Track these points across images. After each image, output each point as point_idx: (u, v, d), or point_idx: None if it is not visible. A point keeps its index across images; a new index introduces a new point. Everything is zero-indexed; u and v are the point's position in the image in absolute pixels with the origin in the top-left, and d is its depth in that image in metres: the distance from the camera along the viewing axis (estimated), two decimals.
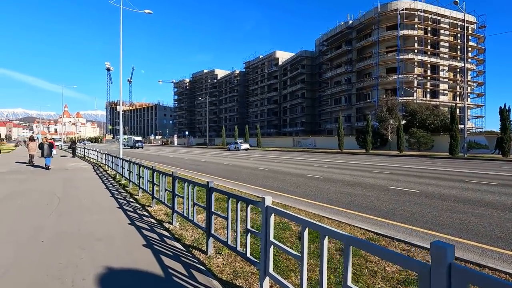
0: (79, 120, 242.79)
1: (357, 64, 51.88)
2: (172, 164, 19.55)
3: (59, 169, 15.56)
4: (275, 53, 78.78)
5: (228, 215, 3.55)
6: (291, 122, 73.05)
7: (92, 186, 10.06)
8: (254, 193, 8.56)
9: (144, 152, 38.74)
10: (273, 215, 2.77)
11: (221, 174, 13.89)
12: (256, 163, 19.82)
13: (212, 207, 3.95)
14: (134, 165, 8.99)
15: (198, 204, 4.47)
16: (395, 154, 28.36)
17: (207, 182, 4.06)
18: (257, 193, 8.58)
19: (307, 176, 12.72)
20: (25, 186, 9.98)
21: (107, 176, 13.03)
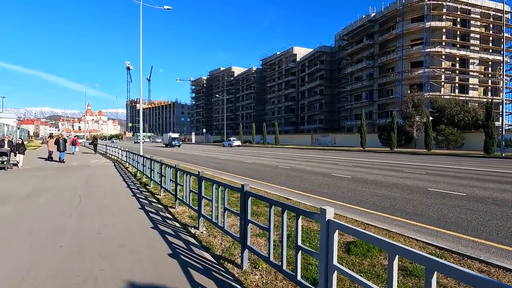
0: (101, 118, 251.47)
1: (379, 59, 49.81)
2: (191, 162, 19.30)
3: (82, 166, 15.65)
4: (292, 49, 77.42)
5: (270, 226, 2.97)
6: (309, 119, 71.65)
7: (113, 184, 9.84)
8: (281, 193, 7.97)
9: (161, 150, 39.03)
10: (337, 231, 2.16)
11: (243, 172, 13.39)
12: (277, 161, 19.19)
13: (248, 215, 3.39)
14: (156, 163, 8.63)
15: (231, 210, 3.93)
16: (422, 153, 26.80)
17: (241, 186, 3.50)
18: (282, 193, 7.99)
19: (334, 175, 11.96)
20: (48, 184, 9.90)
21: (128, 173, 12.86)
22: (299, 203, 6.79)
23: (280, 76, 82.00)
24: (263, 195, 3.19)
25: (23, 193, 8.28)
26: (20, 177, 11.41)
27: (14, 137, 44.41)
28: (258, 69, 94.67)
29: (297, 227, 2.54)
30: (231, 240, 4.35)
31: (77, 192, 8.46)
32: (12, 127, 44.30)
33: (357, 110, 55.43)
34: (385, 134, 37.37)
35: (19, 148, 14.62)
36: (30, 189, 8.81)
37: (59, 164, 16.56)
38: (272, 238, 2.98)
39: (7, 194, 8.12)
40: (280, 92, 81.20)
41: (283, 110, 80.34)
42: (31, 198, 7.55)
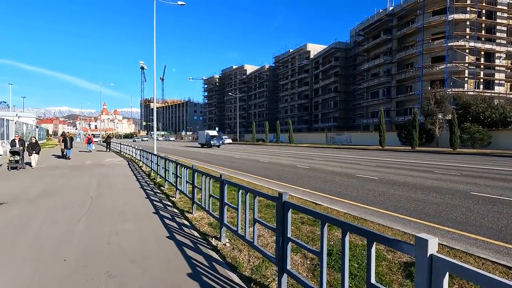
0: (116, 117, 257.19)
1: (397, 54, 47.92)
2: (205, 161, 18.80)
3: (96, 165, 15.40)
4: (306, 46, 76.00)
5: (322, 249, 2.27)
6: (323, 118, 70.19)
7: (126, 184, 9.37)
8: (307, 197, 7.24)
9: (176, 148, 38.89)
10: (448, 274, 1.43)
11: (260, 172, 12.71)
12: (294, 160, 18.40)
13: (288, 231, 2.70)
14: (171, 162, 8.07)
15: (266, 225, 3.25)
16: (447, 152, 25.32)
17: (279, 194, 2.82)
18: (307, 196, 7.26)
19: (359, 176, 11.10)
20: (60, 183, 9.55)
21: (141, 173, 12.44)
22: (338, 211, 6.04)
23: (293, 74, 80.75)
24: (312, 209, 2.48)
25: (33, 193, 7.90)
26: (33, 176, 11.16)
27: (32, 135, 45.71)
28: (271, 67, 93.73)
29: (370, 258, 1.82)
30: (259, 256, 3.68)
31: (89, 193, 8.01)
32: (31, 126, 45.39)
33: (373, 107, 53.75)
34: (405, 132, 35.78)
35: (35, 147, 14.09)
36: (41, 189, 8.45)
37: (73, 163, 16.40)
38: (325, 263, 2.27)
39: (17, 195, 7.76)
40: (293, 90, 80.00)
41: (296, 108, 79.13)
42: (41, 200, 7.14)
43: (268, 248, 3.74)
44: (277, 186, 9.06)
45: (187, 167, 6.50)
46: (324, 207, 6.21)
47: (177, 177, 7.26)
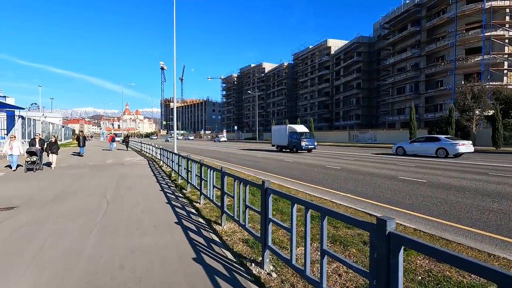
0: (138, 117, 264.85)
1: (426, 47, 44.97)
2: (227, 160, 17.98)
3: (116, 164, 14.96)
4: (326, 41, 73.76)
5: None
6: (345, 115, 67.80)
7: (146, 187, 8.63)
8: (354, 205, 6.11)
9: (196, 147, 38.54)
10: None
11: (288, 173, 11.64)
12: (321, 160, 17.16)
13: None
14: (194, 163, 7.19)
15: (340, 259, 2.19)
16: (490, 151, 23.00)
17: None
18: (353, 204, 6.12)
19: (403, 179, 9.76)
20: (78, 184, 8.98)
21: (162, 173, 11.74)
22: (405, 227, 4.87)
23: (313, 71, 78.73)
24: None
25: (48, 196, 7.30)
26: (51, 177, 10.72)
27: (59, 135, 47.13)
28: (290, 64, 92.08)
29: None
30: None
31: (106, 195, 7.31)
32: (57, 126, 46.88)
33: (399, 104, 51.01)
34: (437, 129, 33.35)
35: (52, 147, 13.18)
36: (56, 192, 7.86)
37: (94, 162, 16.09)
38: None
39: (31, 197, 7.18)
40: (313, 87, 78.02)
41: (316, 106, 77.11)
42: (54, 204, 6.48)
43: None
44: (312, 190, 7.97)
45: (213, 169, 5.57)
46: None
47: (202, 180, 6.35)
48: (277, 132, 27.58)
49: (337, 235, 4.20)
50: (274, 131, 28.61)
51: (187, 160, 7.95)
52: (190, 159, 7.66)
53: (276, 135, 27.65)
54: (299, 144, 23.57)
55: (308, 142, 23.74)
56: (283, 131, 26.11)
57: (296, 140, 23.98)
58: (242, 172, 11.64)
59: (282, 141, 26.18)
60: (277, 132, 27.82)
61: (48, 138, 38.77)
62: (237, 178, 4.27)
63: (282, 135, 26.17)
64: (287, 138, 25.14)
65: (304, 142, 23.45)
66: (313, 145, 23.90)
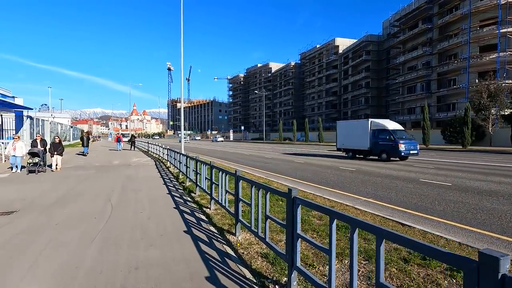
0: (145, 118, 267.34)
1: (438, 45, 43.74)
2: (233, 160, 17.51)
3: (122, 165, 14.63)
4: (334, 40, 72.80)
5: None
6: (353, 115, 66.67)
7: (153, 189, 8.20)
8: (380, 212, 5.54)
9: (203, 147, 38.23)
10: None
11: (300, 175, 11.09)
12: (334, 161, 16.54)
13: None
14: (204, 165, 6.72)
15: None
16: (509, 151, 22.02)
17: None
18: (375, 210, 5.56)
19: (425, 182, 9.12)
20: (82, 187, 8.61)
21: (169, 175, 11.33)
22: (448, 241, 4.31)
23: (320, 70, 77.81)
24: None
25: (49, 200, 6.92)
26: (54, 179, 10.39)
27: (67, 135, 47.44)
28: (297, 64, 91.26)
29: None
30: None
31: (111, 199, 6.89)
32: (66, 126, 47.15)
33: (410, 103, 49.83)
34: (451, 129, 32.35)
35: (57, 148, 12.26)
36: (59, 195, 7.49)
37: (101, 163, 15.80)
38: None
39: (32, 201, 6.81)
40: (320, 87, 77.09)
41: (324, 106, 76.16)
42: (55, 209, 6.09)
43: None
44: (329, 194, 7.41)
45: (226, 172, 5.08)
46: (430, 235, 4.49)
47: (212, 183, 5.87)
48: (348, 130, 19.53)
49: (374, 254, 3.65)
50: (341, 128, 20.41)
51: (196, 161, 7.49)
52: (200, 160, 7.20)
53: (345, 135, 19.52)
54: (395, 149, 15.88)
55: (409, 146, 16.11)
56: (360, 129, 18.27)
57: (389, 142, 16.27)
58: (246, 172, 11.10)
59: (357, 142, 18.39)
60: (347, 129, 19.72)
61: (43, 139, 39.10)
62: (255, 183, 3.76)
63: (357, 135, 18.36)
64: (370, 139, 17.44)
65: (404, 146, 15.79)
66: (415, 150, 16.40)
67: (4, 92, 25.22)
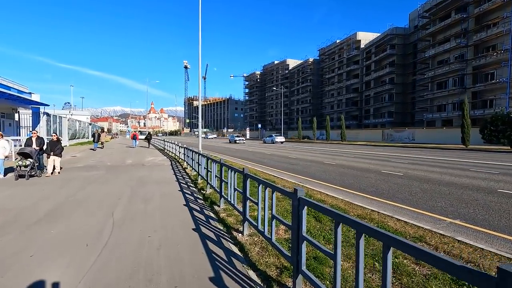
0: (162, 116, 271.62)
1: (474, 36, 40.15)
2: (256, 161, 15.91)
3: (135, 165, 13.39)
4: (356, 35, 69.65)
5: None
6: (376, 113, 63.55)
7: (167, 199, 6.73)
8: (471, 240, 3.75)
9: (220, 145, 36.92)
10: None
11: (336, 180, 9.33)
12: (369, 163, 14.60)
13: None
14: (230, 171, 5.12)
15: None
16: None
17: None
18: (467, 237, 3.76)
19: (508, 193, 7.14)
20: (84, 193, 7.28)
21: (186, 177, 9.88)
22: None
23: (340, 66, 74.83)
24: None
25: (41, 211, 5.57)
26: (54, 183, 9.17)
27: (86, 132, 47.61)
28: (315, 60, 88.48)
29: None
30: None
31: (113, 213, 5.46)
32: (84, 123, 47.27)
33: (440, 100, 46.40)
34: (491, 128, 29.24)
35: (54, 147, 10.00)
36: (55, 204, 6.15)
37: (112, 162, 14.63)
38: None
39: (19, 212, 5.48)
40: (340, 83, 74.16)
41: (344, 103, 73.17)
42: (41, 227, 4.69)
43: None
44: (393, 211, 5.63)
45: (261, 182, 3.45)
46: None
47: (246, 199, 4.26)
48: None
49: None
50: None
51: (220, 165, 5.92)
52: (224, 164, 5.62)
53: None
54: None
55: None
56: None
57: None
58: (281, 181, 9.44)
59: None
60: None
61: (74, 136, 38.90)
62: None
63: None
64: None
65: None
66: None
67: (21, 88, 24.84)
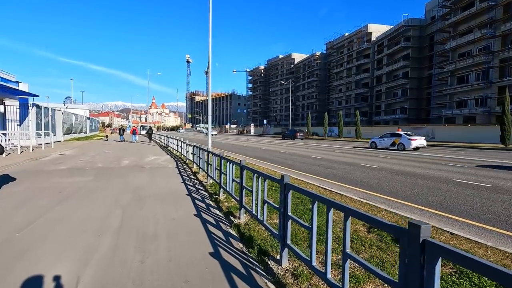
0: (164, 111, 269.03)
1: (503, 26, 37.10)
2: (275, 161, 13.27)
3: (133, 167, 10.77)
4: (367, 27, 66.50)
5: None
6: (387, 109, 60.66)
7: (179, 237, 4.09)
8: None
9: (226, 142, 34.22)
10: None
11: (413, 195, 6.66)
12: (421, 166, 11.92)
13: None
14: (263, 178, 2.50)
15: None
16: None
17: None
18: None
19: None
20: (47, 221, 4.66)
21: (200, 189, 7.23)
22: None
23: (349, 60, 71.73)
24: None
25: None
26: (21, 193, 6.56)
27: (83, 127, 44.95)
28: (322, 54, 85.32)
29: None
30: None
31: (81, 277, 2.84)
32: (82, 117, 44.46)
33: (461, 95, 43.48)
34: None
35: None
36: (15, 228, 3.54)
37: (107, 162, 11.99)
38: None
39: None
40: (349, 78, 71.13)
41: (353, 99, 70.22)
42: None
43: None
44: None
45: None
46: None
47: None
48: None
49: None
50: None
51: (258, 176, 3.25)
52: (256, 172, 2.95)
53: None
54: None
55: None
56: None
57: None
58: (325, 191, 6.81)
59: None
60: None
61: (70, 130, 36.23)
62: None
63: None
64: None
65: None
66: None
67: (6, 76, 22.15)
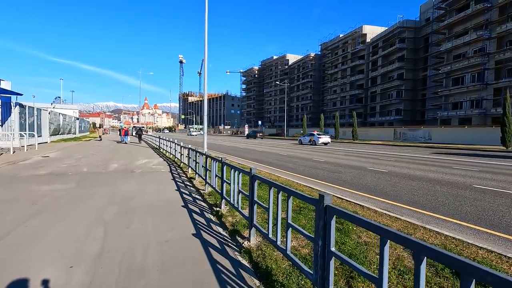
0: (156, 112, 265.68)
1: (498, 27, 37.15)
2: (284, 166, 12.40)
3: (122, 171, 9.74)
4: (362, 28, 66.40)
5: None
6: (382, 110, 60.59)
7: (168, 249, 3.16)
8: None
9: (222, 143, 33.23)
10: None
11: (440, 205, 5.88)
12: (433, 170, 11.21)
13: None
14: None
15: None
16: None
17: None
18: None
19: None
20: (9, 244, 3.68)
21: (198, 198, 6.29)
22: None
23: (344, 61, 71.57)
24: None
25: None
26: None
27: (72, 127, 43.26)
28: (317, 55, 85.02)
29: None
30: None
31: None
32: (70, 118, 42.75)
33: (456, 96, 43.47)
34: None
35: None
36: None
37: (93, 166, 10.90)
38: None
39: None
40: (344, 79, 70.91)
41: (348, 100, 70.00)
42: None
43: None
44: None
45: None
46: None
47: None
48: None
49: None
50: None
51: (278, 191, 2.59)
52: (268, 181, 2.09)
53: None
54: None
55: None
56: None
57: None
58: None
59: None
60: None
61: (57, 131, 34.60)
62: None
63: None
64: None
65: None
66: None
67: None
